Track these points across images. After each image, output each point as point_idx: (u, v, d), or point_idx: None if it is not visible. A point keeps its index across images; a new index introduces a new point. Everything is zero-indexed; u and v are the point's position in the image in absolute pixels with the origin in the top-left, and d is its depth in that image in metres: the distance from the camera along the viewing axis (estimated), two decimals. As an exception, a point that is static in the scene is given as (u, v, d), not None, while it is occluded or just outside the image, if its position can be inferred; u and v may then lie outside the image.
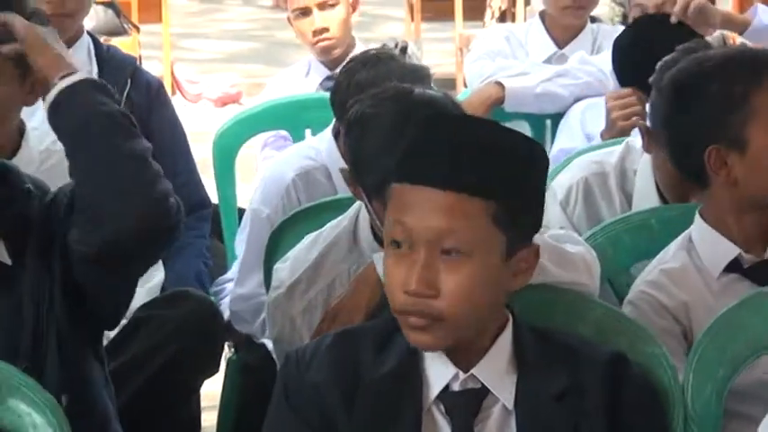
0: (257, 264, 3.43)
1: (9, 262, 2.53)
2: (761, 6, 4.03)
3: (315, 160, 3.57)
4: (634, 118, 3.60)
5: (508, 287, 2.23)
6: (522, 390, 2.24)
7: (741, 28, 4.00)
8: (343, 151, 3.20)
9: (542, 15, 4.49)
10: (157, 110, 4.01)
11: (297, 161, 3.62)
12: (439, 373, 2.24)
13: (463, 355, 2.23)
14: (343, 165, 2.99)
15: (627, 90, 3.67)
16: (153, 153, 3.35)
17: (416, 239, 2.15)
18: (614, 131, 3.68)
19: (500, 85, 4.14)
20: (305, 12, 4.56)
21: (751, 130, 2.70)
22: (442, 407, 2.24)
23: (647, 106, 3.17)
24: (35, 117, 3.25)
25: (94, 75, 3.77)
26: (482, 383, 2.23)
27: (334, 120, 3.50)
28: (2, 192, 2.58)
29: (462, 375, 2.23)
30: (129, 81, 3.91)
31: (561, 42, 4.51)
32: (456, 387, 2.23)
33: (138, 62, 4.17)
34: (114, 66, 3.93)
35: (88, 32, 4.09)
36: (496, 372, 2.24)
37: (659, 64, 3.14)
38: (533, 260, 2.25)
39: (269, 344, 3.35)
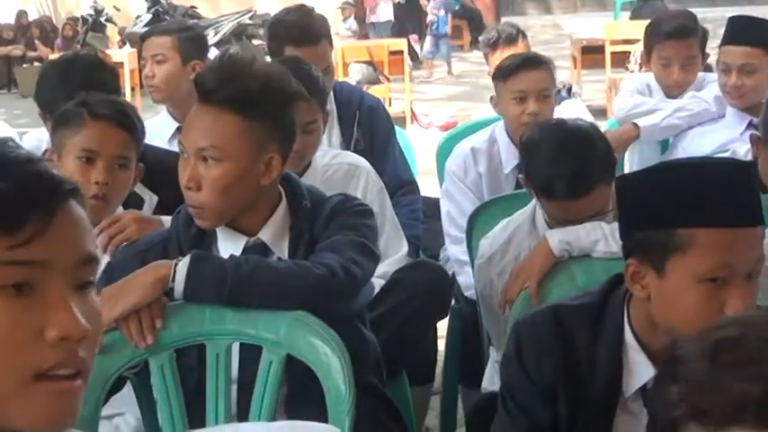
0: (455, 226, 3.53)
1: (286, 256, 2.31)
2: None
3: (486, 141, 3.64)
4: None
5: None
6: None
7: None
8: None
9: None
10: (377, 124, 3.90)
11: (474, 139, 3.70)
12: (641, 369, 1.87)
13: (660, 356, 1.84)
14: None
15: None
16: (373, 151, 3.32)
17: (737, 272, 1.75)
18: None
19: (635, 125, 4.03)
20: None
21: None
22: (640, 400, 1.88)
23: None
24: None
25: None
26: None
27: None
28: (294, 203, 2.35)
29: None
30: (357, 109, 3.85)
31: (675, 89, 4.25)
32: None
33: (382, 101, 4.08)
34: (345, 102, 3.83)
35: None
36: None
37: None
38: None
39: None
